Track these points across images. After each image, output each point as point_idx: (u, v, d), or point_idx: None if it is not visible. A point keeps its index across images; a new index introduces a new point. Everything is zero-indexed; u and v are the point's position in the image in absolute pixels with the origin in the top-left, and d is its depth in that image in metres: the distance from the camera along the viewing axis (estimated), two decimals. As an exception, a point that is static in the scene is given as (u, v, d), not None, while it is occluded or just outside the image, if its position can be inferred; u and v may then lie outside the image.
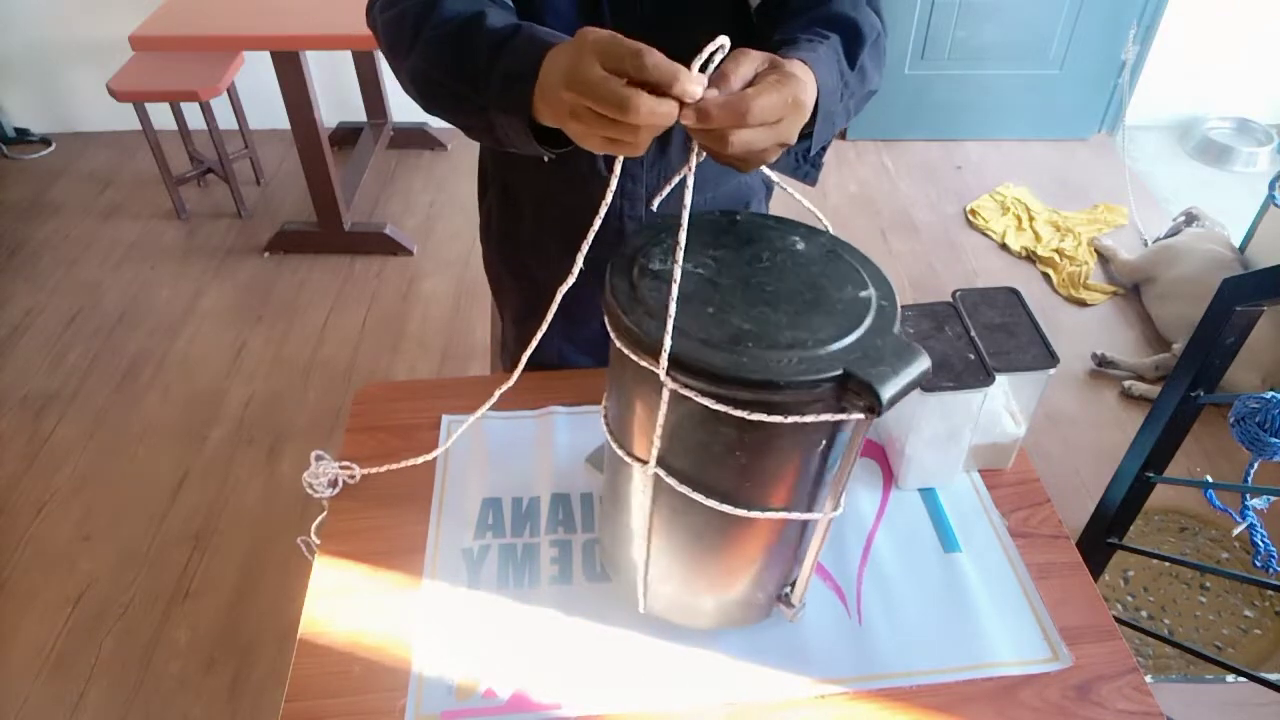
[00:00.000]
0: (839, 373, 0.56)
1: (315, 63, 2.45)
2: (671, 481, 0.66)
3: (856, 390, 0.56)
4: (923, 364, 0.57)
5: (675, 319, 0.58)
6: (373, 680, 0.75)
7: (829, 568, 0.84)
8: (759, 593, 0.76)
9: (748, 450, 0.62)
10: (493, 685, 0.75)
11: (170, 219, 2.87)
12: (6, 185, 3.05)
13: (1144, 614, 1.77)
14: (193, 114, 2.87)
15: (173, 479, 2.01)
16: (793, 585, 0.76)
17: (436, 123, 3.24)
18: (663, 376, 0.58)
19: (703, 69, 0.57)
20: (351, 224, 2.71)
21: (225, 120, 2.80)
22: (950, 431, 0.86)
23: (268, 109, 2.94)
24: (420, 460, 0.90)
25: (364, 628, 0.79)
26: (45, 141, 3.25)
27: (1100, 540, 1.37)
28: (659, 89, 0.54)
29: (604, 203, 0.63)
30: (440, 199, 2.99)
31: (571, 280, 0.66)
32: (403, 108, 3.22)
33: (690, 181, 0.61)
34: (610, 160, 0.64)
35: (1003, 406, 0.93)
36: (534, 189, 1.00)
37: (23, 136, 3.25)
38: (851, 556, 0.85)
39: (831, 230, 0.71)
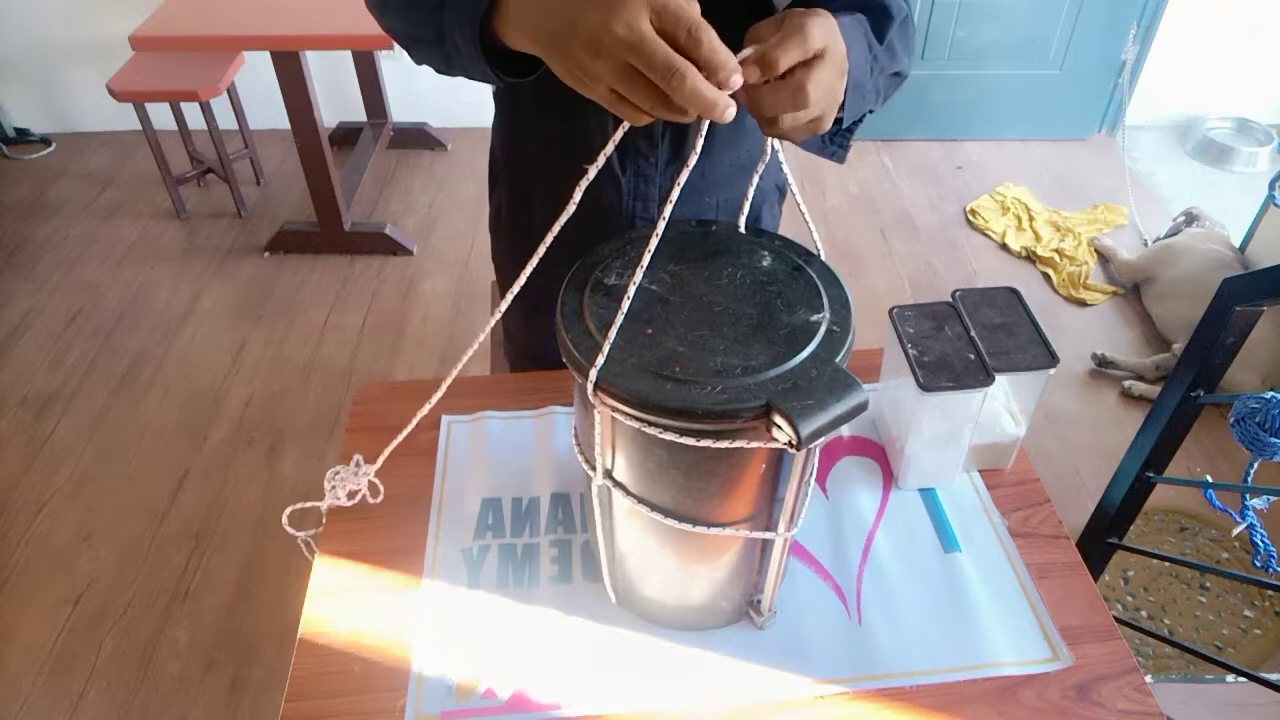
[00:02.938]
0: (761, 404, 0.55)
1: (315, 63, 2.45)
2: (618, 493, 0.66)
3: (779, 423, 0.55)
4: (856, 398, 0.55)
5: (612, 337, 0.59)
6: (373, 680, 0.75)
7: (829, 568, 0.84)
8: (722, 601, 0.77)
9: (682, 470, 0.62)
10: (493, 685, 0.75)
11: (170, 219, 2.88)
12: (6, 185, 3.05)
13: (1144, 614, 1.77)
14: (193, 114, 2.87)
15: (173, 479, 2.01)
16: (761, 594, 0.76)
17: (437, 122, 3.24)
18: (590, 397, 0.59)
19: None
20: (351, 224, 2.71)
21: (225, 120, 2.80)
22: (950, 431, 0.86)
23: (268, 109, 2.94)
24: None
25: (364, 628, 0.79)
26: (45, 141, 3.25)
27: (1100, 540, 1.36)
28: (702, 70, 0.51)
29: (594, 166, 0.61)
30: (440, 199, 2.99)
31: (542, 251, 0.63)
32: (403, 108, 3.22)
33: (675, 196, 0.59)
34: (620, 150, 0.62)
35: (1003, 406, 0.93)
36: (544, 182, 0.99)
37: (23, 136, 3.25)
38: (851, 556, 0.85)
39: (822, 251, 0.69)
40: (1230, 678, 1.40)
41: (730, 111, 0.53)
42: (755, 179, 0.69)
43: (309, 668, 0.76)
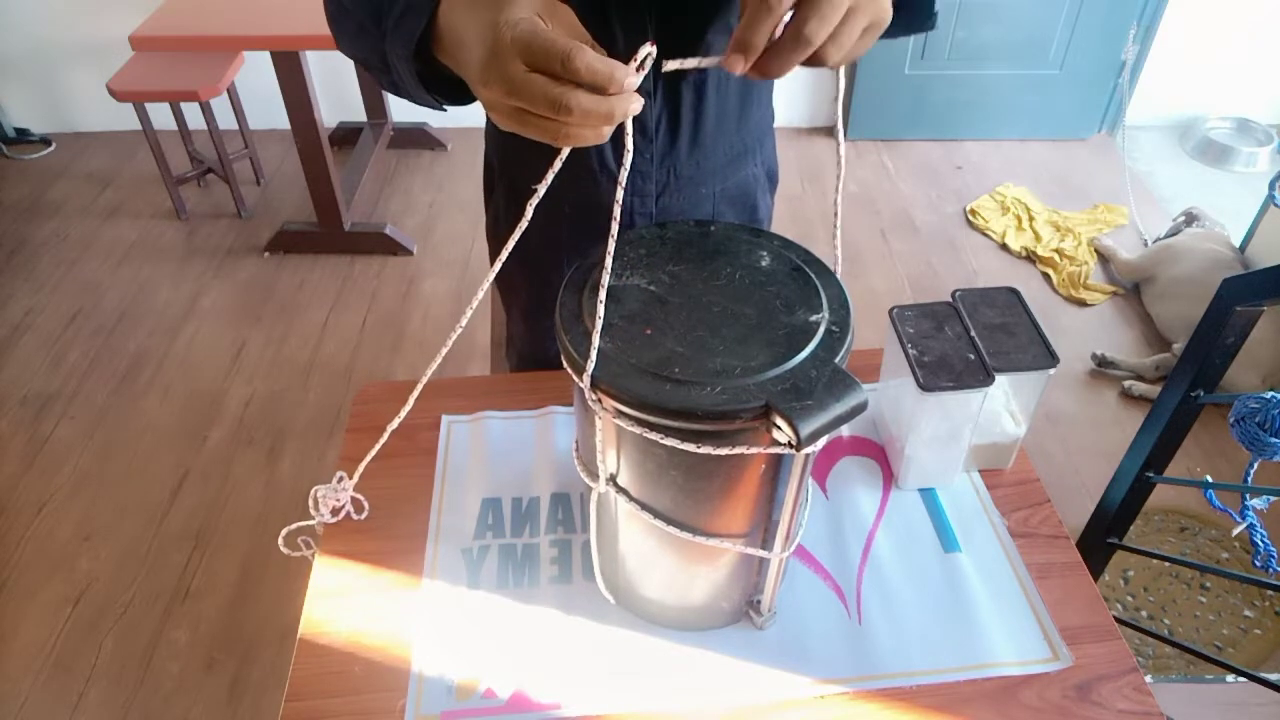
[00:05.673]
0: (761, 404, 0.55)
1: (315, 63, 2.45)
2: (620, 498, 0.67)
3: (778, 423, 0.54)
4: (856, 398, 0.55)
5: (611, 339, 0.59)
6: (373, 680, 0.75)
7: (829, 568, 0.84)
8: (722, 601, 0.77)
9: (682, 470, 0.62)
10: (493, 685, 0.75)
11: (170, 219, 2.88)
12: (6, 185, 3.05)
13: (1144, 614, 1.77)
14: (193, 114, 2.87)
15: (173, 479, 2.01)
16: (761, 594, 0.76)
17: (437, 122, 3.24)
18: (589, 398, 0.59)
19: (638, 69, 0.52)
20: (351, 224, 2.71)
21: (225, 120, 2.80)
22: (950, 431, 0.86)
23: (268, 109, 2.94)
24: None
25: (364, 628, 0.79)
26: (45, 141, 3.25)
27: (1100, 540, 1.36)
28: (594, 90, 0.50)
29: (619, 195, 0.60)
30: (440, 199, 2.99)
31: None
32: (403, 108, 3.22)
33: (619, 195, 0.58)
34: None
35: (1003, 406, 0.93)
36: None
37: (23, 136, 3.25)
38: (851, 556, 0.85)
39: (839, 266, 0.69)
40: (1230, 678, 1.40)
41: (635, 106, 0.51)
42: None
43: (309, 668, 0.76)
